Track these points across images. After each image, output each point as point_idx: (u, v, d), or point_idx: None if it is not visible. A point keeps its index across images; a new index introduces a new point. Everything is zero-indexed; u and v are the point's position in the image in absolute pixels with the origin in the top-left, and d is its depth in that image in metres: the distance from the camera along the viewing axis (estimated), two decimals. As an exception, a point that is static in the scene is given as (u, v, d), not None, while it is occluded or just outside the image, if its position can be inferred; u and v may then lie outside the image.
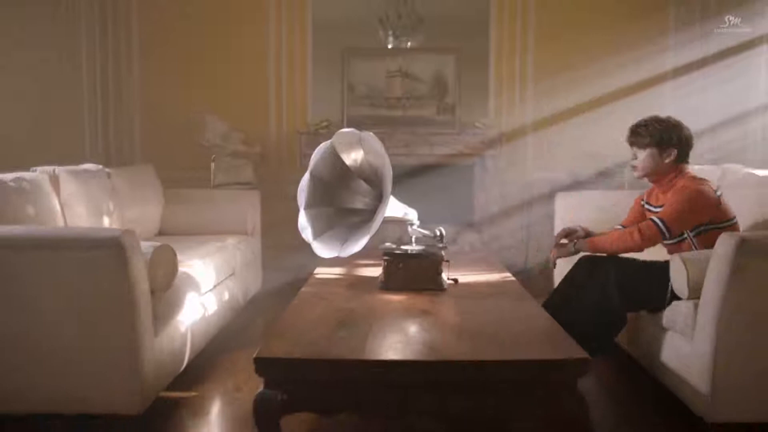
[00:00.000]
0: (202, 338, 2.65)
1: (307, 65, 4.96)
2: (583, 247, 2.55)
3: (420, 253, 2.47)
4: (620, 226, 2.71)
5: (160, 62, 4.89)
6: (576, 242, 2.59)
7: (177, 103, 4.86)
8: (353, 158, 2.50)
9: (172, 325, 2.31)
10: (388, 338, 1.88)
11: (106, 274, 1.93)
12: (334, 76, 4.95)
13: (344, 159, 2.51)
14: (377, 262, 2.57)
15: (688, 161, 2.51)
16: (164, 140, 4.85)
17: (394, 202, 2.49)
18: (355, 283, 2.57)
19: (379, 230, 2.31)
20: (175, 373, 2.38)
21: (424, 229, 2.58)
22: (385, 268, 2.46)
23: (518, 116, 4.83)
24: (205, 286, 2.72)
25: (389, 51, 4.89)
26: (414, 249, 2.49)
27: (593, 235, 2.66)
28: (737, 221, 2.44)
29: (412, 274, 2.43)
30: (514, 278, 2.65)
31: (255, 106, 4.94)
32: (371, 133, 2.33)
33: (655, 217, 2.38)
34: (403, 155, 4.58)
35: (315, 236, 2.47)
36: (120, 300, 1.96)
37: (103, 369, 1.99)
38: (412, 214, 2.63)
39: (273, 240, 4.17)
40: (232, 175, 4.71)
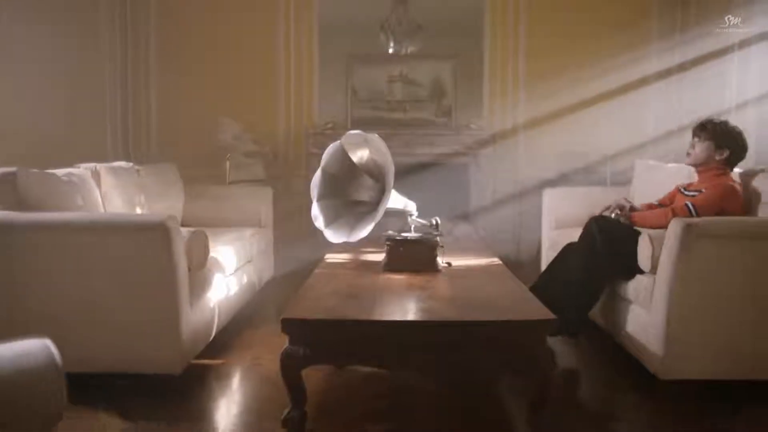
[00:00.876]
0: (226, 314, 3.01)
1: (314, 70, 5.30)
2: (628, 220, 2.91)
3: (418, 239, 2.82)
4: (656, 202, 3.13)
5: (177, 67, 5.24)
6: (622, 215, 2.96)
7: (192, 105, 5.22)
8: (360, 156, 2.85)
9: (204, 301, 2.67)
10: (391, 305, 2.25)
11: (153, 253, 2.29)
12: (339, 80, 5.32)
13: (352, 157, 2.86)
14: (380, 249, 2.91)
15: (734, 168, 2.85)
16: (180, 139, 5.20)
17: (396, 195, 2.82)
18: (362, 266, 2.92)
19: (382, 220, 2.66)
20: (206, 342, 2.73)
21: (422, 219, 2.93)
22: (388, 252, 2.81)
23: (510, 118, 5.18)
24: (228, 270, 3.08)
25: (391, 57, 5.24)
26: (413, 236, 2.84)
27: (636, 210, 3.04)
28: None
29: (411, 257, 2.78)
30: (501, 262, 3.00)
31: (265, 108, 5.29)
32: (376, 135, 2.68)
33: (689, 202, 2.75)
34: (404, 154, 4.91)
35: (326, 224, 2.82)
36: (163, 276, 2.31)
37: (149, 335, 2.34)
38: (411, 206, 2.97)
39: (282, 232, 4.54)
40: (245, 173, 5.06)
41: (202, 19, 5.21)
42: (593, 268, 2.72)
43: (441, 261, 2.82)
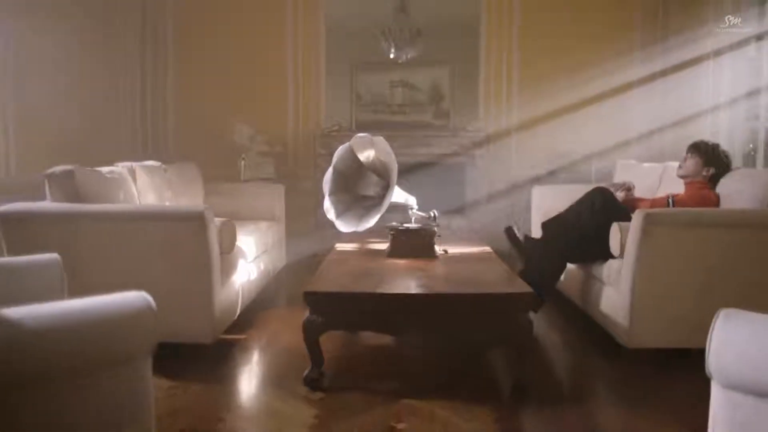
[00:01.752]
0: (248, 296, 3.39)
1: (321, 76, 5.69)
2: (625, 200, 3.42)
3: (418, 229, 3.21)
4: (652, 198, 3.55)
5: (192, 73, 5.63)
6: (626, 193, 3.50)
7: (207, 108, 5.61)
8: (366, 156, 3.24)
9: (231, 282, 3.05)
10: (395, 282, 2.64)
11: (192, 239, 2.67)
12: (344, 85, 5.70)
13: (360, 157, 3.25)
14: (384, 239, 3.30)
15: (716, 185, 3.22)
16: (195, 140, 5.59)
17: (398, 190, 3.22)
18: (368, 253, 3.31)
19: (386, 213, 3.06)
20: (231, 319, 3.12)
21: (421, 212, 3.32)
22: (392, 241, 3.19)
23: (503, 121, 5.57)
24: (249, 257, 3.47)
25: (392, 64, 5.61)
26: (413, 226, 3.23)
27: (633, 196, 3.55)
28: None
29: (412, 245, 3.16)
30: (491, 250, 3.39)
31: (276, 111, 5.68)
32: (381, 137, 3.07)
33: (671, 199, 3.19)
34: (405, 154, 5.26)
35: (337, 216, 3.20)
36: (200, 258, 2.70)
37: (187, 309, 2.72)
38: (412, 201, 3.36)
39: (292, 225, 4.92)
40: (257, 171, 5.45)
41: (216, 28, 5.60)
42: (564, 240, 3.13)
43: (438, 248, 3.21)
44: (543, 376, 2.68)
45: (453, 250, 3.30)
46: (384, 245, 3.29)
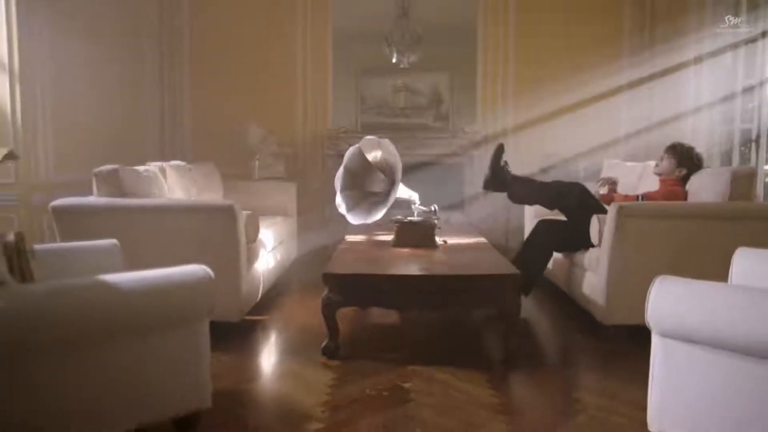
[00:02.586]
0: (267, 282, 3.78)
1: (328, 81, 6.06)
2: (612, 192, 3.87)
3: (420, 222, 3.59)
4: (625, 194, 3.89)
5: (208, 79, 6.01)
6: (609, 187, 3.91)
7: (221, 112, 5.99)
8: (374, 156, 3.62)
9: (254, 268, 3.44)
10: (400, 266, 3.02)
11: (222, 229, 3.05)
12: (350, 90, 6.08)
13: (368, 157, 3.63)
14: (389, 231, 3.68)
15: (687, 182, 3.55)
16: (210, 142, 5.96)
17: (402, 187, 3.60)
18: (375, 243, 3.69)
19: (391, 208, 3.44)
20: (254, 302, 3.50)
21: (423, 207, 3.70)
22: (396, 232, 3.57)
23: (500, 123, 5.95)
24: (268, 247, 3.85)
25: (395, 69, 5.98)
26: (416, 219, 3.61)
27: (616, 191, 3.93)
28: None
29: (415, 235, 3.55)
30: (486, 240, 3.77)
31: (285, 114, 6.05)
32: (387, 140, 3.46)
33: (640, 195, 3.58)
34: (407, 155, 5.61)
35: (348, 210, 3.59)
36: (229, 246, 3.07)
37: (218, 292, 3.09)
38: (414, 197, 3.75)
39: (301, 221, 5.30)
40: (269, 171, 5.83)
41: (230, 37, 5.97)
42: (550, 231, 3.52)
43: (438, 239, 3.59)
44: (530, 348, 3.07)
45: (451, 240, 3.68)
46: (389, 237, 3.67)
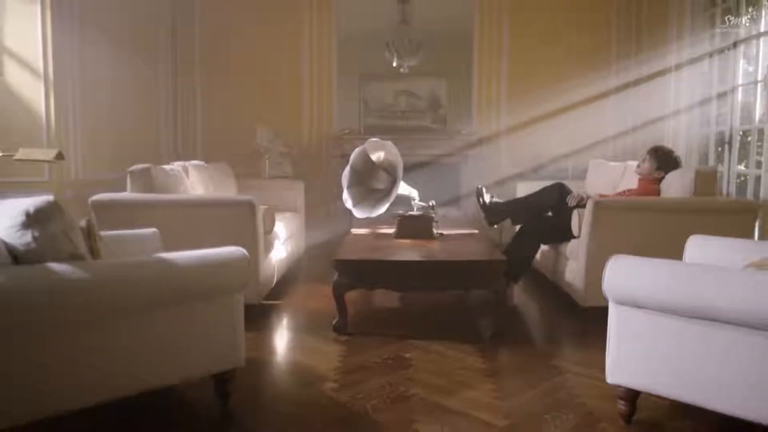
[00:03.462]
0: (280, 270, 4.16)
1: (332, 85, 6.46)
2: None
3: (419, 215, 3.97)
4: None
5: (218, 83, 6.41)
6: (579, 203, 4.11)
7: (231, 114, 6.38)
8: (378, 156, 4.01)
9: (270, 257, 3.82)
10: (402, 253, 3.41)
11: (243, 221, 3.43)
12: (353, 94, 6.47)
13: (372, 157, 4.02)
14: (391, 225, 4.06)
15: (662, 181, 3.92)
16: (221, 143, 6.35)
17: (403, 185, 3.98)
18: (379, 235, 4.07)
19: (392, 204, 3.83)
20: (270, 287, 3.88)
21: (422, 203, 4.09)
22: (397, 225, 3.96)
23: (494, 125, 6.35)
24: (282, 239, 4.24)
25: (396, 74, 6.36)
26: (416, 213, 4.00)
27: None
28: None
29: (414, 228, 3.93)
30: (479, 232, 4.16)
31: (292, 116, 6.45)
32: (390, 142, 3.84)
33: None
34: (407, 155, 5.96)
35: (354, 205, 3.98)
36: (249, 236, 3.45)
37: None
38: (414, 193, 4.13)
39: (306, 217, 5.69)
40: (277, 170, 6.22)
41: (240, 43, 6.37)
42: (538, 226, 3.92)
43: (436, 231, 3.97)
44: (517, 326, 3.46)
45: (447, 232, 4.06)
46: (391, 230, 4.06)
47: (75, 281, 1.80)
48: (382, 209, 3.82)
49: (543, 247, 4.20)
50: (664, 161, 3.91)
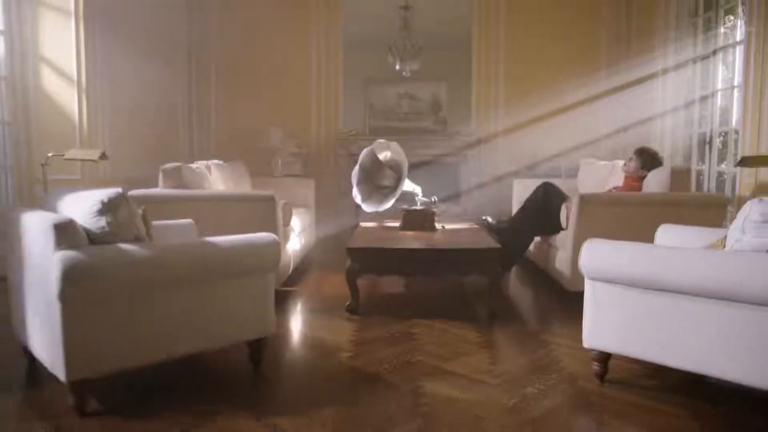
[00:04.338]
0: (295, 260, 4.55)
1: (339, 89, 6.85)
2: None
3: (423, 210, 4.36)
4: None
5: (232, 87, 6.80)
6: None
7: (243, 116, 6.77)
8: (384, 156, 4.40)
9: (287, 247, 4.21)
10: (407, 242, 3.80)
11: (264, 214, 3.82)
12: (359, 97, 6.86)
13: (379, 156, 4.41)
14: (396, 219, 4.45)
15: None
16: (234, 143, 6.74)
17: (408, 182, 4.38)
18: (385, 228, 4.46)
19: (397, 200, 4.22)
20: (287, 275, 4.27)
21: (425, 198, 4.48)
22: (403, 218, 4.34)
23: (491, 126, 6.74)
24: (296, 231, 4.62)
25: (399, 79, 6.74)
26: (419, 208, 4.39)
27: None
28: None
29: (418, 221, 4.32)
30: (477, 226, 4.55)
31: (301, 118, 6.83)
32: (396, 142, 4.23)
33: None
34: (409, 155, 6.35)
35: (362, 200, 4.37)
36: (269, 228, 3.81)
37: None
38: (418, 190, 4.52)
39: (316, 213, 6.08)
40: (287, 169, 6.61)
41: (252, 49, 6.76)
42: (528, 221, 4.31)
43: (437, 224, 4.36)
44: (510, 309, 3.84)
45: (448, 225, 4.45)
46: (396, 223, 4.44)
47: (142, 258, 2.19)
48: (389, 204, 4.21)
49: (536, 239, 4.60)
50: (649, 161, 4.27)
